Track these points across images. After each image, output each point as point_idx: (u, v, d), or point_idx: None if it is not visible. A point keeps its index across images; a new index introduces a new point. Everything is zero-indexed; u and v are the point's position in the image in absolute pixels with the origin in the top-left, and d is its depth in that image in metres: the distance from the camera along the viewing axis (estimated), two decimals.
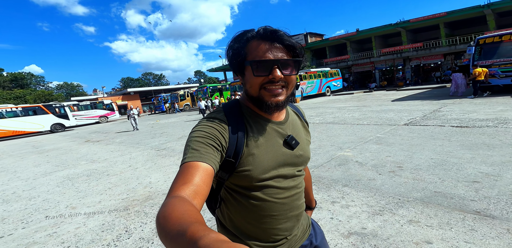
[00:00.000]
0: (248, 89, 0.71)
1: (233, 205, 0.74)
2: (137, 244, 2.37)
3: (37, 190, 4.46)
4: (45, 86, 52.43)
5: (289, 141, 0.74)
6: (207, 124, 0.67)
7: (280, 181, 0.73)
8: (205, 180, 0.57)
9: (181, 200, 0.49)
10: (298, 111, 0.88)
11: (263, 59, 0.65)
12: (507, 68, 9.19)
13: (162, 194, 3.56)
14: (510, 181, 2.70)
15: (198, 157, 0.59)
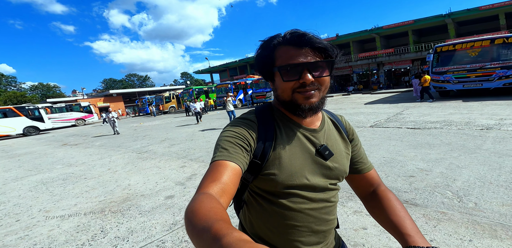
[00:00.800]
0: (280, 95, 0.69)
1: (256, 209, 0.72)
2: (113, 242, 2.47)
3: (7, 195, 4.36)
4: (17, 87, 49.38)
5: (321, 151, 0.71)
6: (237, 124, 0.68)
7: (308, 191, 0.69)
8: (233, 179, 0.57)
9: (209, 197, 0.49)
10: (338, 120, 0.81)
11: (292, 63, 0.64)
12: (459, 75, 10.09)
13: (140, 195, 3.65)
14: (436, 175, 3.14)
15: (227, 156, 0.59)
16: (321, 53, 0.65)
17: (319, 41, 0.64)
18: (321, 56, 0.65)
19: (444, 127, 5.71)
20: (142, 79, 65.08)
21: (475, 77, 9.88)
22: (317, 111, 0.69)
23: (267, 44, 0.69)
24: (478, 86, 9.88)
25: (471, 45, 10.20)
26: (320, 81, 0.66)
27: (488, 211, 2.25)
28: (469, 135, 4.80)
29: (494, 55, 9.66)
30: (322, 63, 0.65)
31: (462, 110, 7.53)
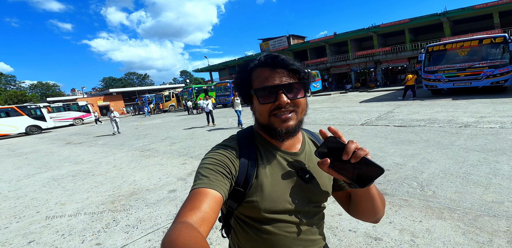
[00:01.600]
0: (258, 118, 0.71)
1: (242, 235, 0.72)
2: (124, 229, 2.86)
3: (22, 190, 4.75)
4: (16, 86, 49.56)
5: (302, 175, 0.71)
6: (218, 151, 0.68)
7: (291, 215, 0.70)
8: (213, 207, 0.56)
9: (188, 226, 0.49)
10: (318, 141, 0.82)
11: (267, 86, 0.66)
12: (450, 74, 10.49)
13: (145, 190, 4.04)
14: (408, 169, 3.57)
15: (208, 183, 0.59)
16: (295, 74, 0.67)
17: (292, 63, 0.67)
18: (295, 77, 0.67)
19: (427, 124, 6.13)
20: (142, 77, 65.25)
21: (464, 76, 10.28)
22: (294, 134, 0.70)
23: (245, 68, 0.72)
24: (467, 85, 10.29)
25: (461, 45, 10.59)
26: (295, 103, 0.67)
27: (442, 197, 2.67)
28: (447, 132, 5.22)
29: (482, 55, 10.06)
30: (296, 85, 0.66)
31: (448, 108, 7.93)
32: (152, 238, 2.62)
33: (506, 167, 3.26)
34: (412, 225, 2.27)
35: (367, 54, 27.40)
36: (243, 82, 0.71)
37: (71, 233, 2.89)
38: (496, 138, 4.49)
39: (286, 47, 32.58)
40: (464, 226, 2.18)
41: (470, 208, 2.44)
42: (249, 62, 0.71)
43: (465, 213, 2.36)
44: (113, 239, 2.66)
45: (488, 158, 3.63)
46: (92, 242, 2.65)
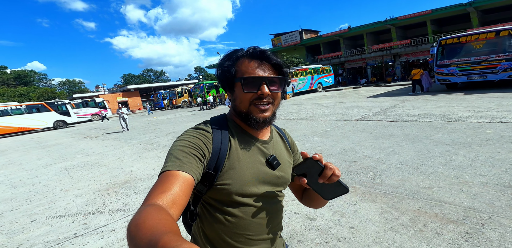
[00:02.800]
0: (237, 105, 0.73)
1: (208, 220, 0.73)
2: (110, 212, 3.23)
3: (38, 178, 5.35)
4: (48, 84, 53.58)
5: (271, 161, 0.75)
6: (192, 134, 0.69)
7: (259, 200, 0.73)
8: (185, 190, 0.56)
9: (157, 208, 0.47)
10: (282, 133, 0.89)
11: (253, 76, 0.69)
12: (463, 67, 9.95)
13: (138, 179, 4.42)
14: (373, 160, 3.74)
15: (180, 166, 0.59)
16: (277, 70, 0.73)
17: (276, 59, 0.73)
18: (277, 73, 0.73)
19: (419, 119, 6.05)
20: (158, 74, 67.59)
21: (479, 70, 9.73)
22: (269, 124, 0.75)
23: (231, 56, 0.74)
24: (483, 78, 9.73)
25: (476, 37, 10.01)
26: (274, 95, 0.72)
27: (385, 185, 2.89)
28: (432, 127, 5.23)
29: (499, 48, 9.44)
30: (277, 79, 0.72)
31: (452, 103, 7.64)
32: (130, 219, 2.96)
33: (460, 158, 3.41)
34: (346, 208, 2.51)
35: (384, 47, 26.39)
36: (227, 69, 0.73)
37: (66, 215, 3.31)
38: (474, 132, 4.48)
39: (298, 42, 32.23)
40: (386, 207, 2.44)
41: (401, 193, 2.68)
42: (236, 51, 0.74)
43: (394, 197, 2.61)
44: (98, 220, 3.03)
45: (450, 150, 3.73)
46: (80, 222, 3.04)
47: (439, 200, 2.49)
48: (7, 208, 3.79)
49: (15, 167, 6.82)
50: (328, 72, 24.58)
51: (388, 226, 2.19)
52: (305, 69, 22.30)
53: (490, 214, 2.17)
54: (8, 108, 18.78)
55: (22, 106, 19.59)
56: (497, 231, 1.95)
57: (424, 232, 2.03)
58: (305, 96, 19.45)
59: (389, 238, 2.05)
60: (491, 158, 3.34)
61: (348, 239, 2.13)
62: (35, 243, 2.67)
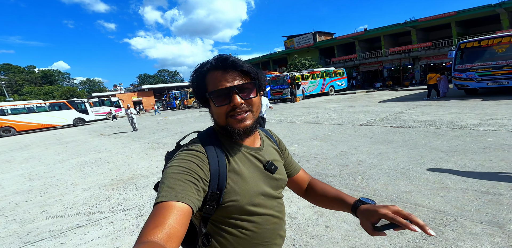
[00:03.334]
0: (216, 120, 0.71)
1: (225, 237, 0.71)
2: (111, 205, 3.43)
3: (53, 172, 5.73)
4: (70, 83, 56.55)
5: (268, 167, 0.76)
6: (184, 158, 0.64)
7: (267, 207, 0.73)
8: (181, 221, 0.53)
9: (152, 245, 0.45)
10: (269, 135, 0.89)
11: (220, 88, 0.66)
12: (483, 72, 9.49)
13: (141, 176, 4.63)
14: (366, 165, 3.78)
15: (173, 195, 0.56)
16: (246, 75, 0.70)
17: (242, 64, 0.69)
18: (247, 78, 0.70)
19: (424, 126, 5.91)
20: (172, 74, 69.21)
21: (501, 75, 9.24)
22: (251, 133, 0.72)
23: (199, 71, 0.71)
24: (504, 84, 9.23)
25: (498, 41, 9.52)
26: (249, 102, 0.69)
27: (369, 188, 2.94)
28: (434, 133, 5.12)
29: None
30: (248, 85, 0.69)
31: (465, 109, 7.33)
32: (128, 213, 3.14)
33: (450, 165, 3.43)
34: (321, 208, 2.53)
35: (402, 50, 25.60)
36: (198, 86, 0.71)
37: (72, 207, 3.55)
38: (474, 140, 4.38)
39: (311, 45, 31.98)
40: None
41: (382, 196, 2.75)
42: (202, 66, 0.71)
43: (373, 199, 2.67)
44: (100, 213, 3.23)
45: (443, 157, 3.72)
46: (84, 213, 3.26)
47: (414, 203, 2.57)
48: (23, 199, 4.11)
49: (35, 161, 7.31)
50: (341, 75, 24.19)
51: (359, 226, 2.22)
52: (316, 72, 22.09)
53: (456, 217, 2.26)
54: (34, 106, 20.05)
55: (46, 104, 20.84)
56: (456, 232, 2.06)
57: (389, 232, 2.06)
58: (316, 99, 19.27)
59: (357, 236, 2.19)
60: (480, 165, 3.33)
61: (321, 236, 2.26)
62: (42, 232, 2.90)
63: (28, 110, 19.41)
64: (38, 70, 52.35)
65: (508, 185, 2.70)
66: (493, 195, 2.54)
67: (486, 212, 2.27)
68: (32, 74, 50.26)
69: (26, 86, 44.12)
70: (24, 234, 2.91)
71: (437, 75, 11.14)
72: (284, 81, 19.63)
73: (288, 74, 20.17)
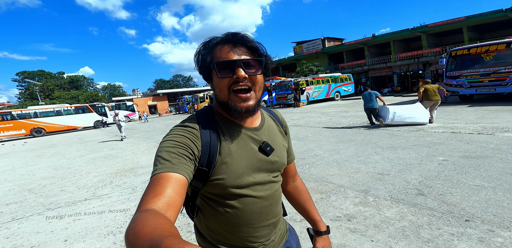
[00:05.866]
0: (218, 94, 0.71)
1: (210, 213, 0.73)
2: (113, 187, 4.39)
3: (73, 164, 6.89)
4: (93, 87, 60.46)
5: (263, 147, 0.74)
6: (178, 133, 0.66)
7: (256, 189, 0.72)
8: (178, 191, 0.54)
9: (153, 213, 0.46)
10: (275, 116, 0.87)
11: (226, 60, 0.66)
12: (472, 79, 9.71)
13: (140, 167, 5.60)
14: (319, 157, 4.52)
15: (170, 167, 0.57)
16: (254, 53, 0.70)
17: (251, 40, 0.70)
18: (254, 55, 0.70)
19: (390, 128, 6.52)
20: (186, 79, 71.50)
21: (488, 82, 9.47)
22: (253, 113, 0.72)
23: (207, 44, 0.72)
24: (491, 91, 9.45)
25: (486, 49, 9.75)
26: (253, 80, 0.69)
27: (308, 173, 3.72)
28: (390, 134, 5.71)
29: (509, 60, 9.13)
30: (254, 62, 0.68)
31: (444, 114, 7.72)
32: (123, 191, 4.08)
33: (377, 157, 4.20)
34: None
35: (412, 55, 25.43)
36: (204, 57, 0.71)
37: (84, 187, 4.57)
38: (416, 139, 5.11)
39: (319, 50, 32.38)
40: None
41: (313, 177, 3.50)
42: (212, 39, 0.72)
43: (305, 181, 3.46)
44: (103, 191, 4.21)
45: (378, 152, 4.48)
46: (91, 191, 4.25)
47: (329, 181, 3.38)
48: (49, 183, 5.21)
49: (59, 156, 8.61)
50: (347, 81, 24.43)
51: None
52: (322, 78, 22.54)
53: (346, 188, 3.09)
54: (61, 109, 22.21)
55: (72, 107, 22.97)
56: (338, 196, 2.91)
57: None
58: (319, 104, 19.76)
59: None
60: (397, 157, 4.06)
61: None
62: (60, 202, 3.90)
63: (56, 113, 21.55)
64: (66, 76, 56.57)
65: (399, 170, 3.44)
66: (382, 175, 3.37)
67: (367, 186, 3.17)
68: (61, 79, 54.40)
69: (56, 91, 47.93)
70: (47, 204, 3.92)
71: None
72: (288, 87, 20.32)
73: (292, 80, 20.83)
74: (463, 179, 2.88)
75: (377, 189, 2.97)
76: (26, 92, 47.55)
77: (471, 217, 2.09)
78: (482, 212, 2.14)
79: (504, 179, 2.75)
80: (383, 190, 2.92)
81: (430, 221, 2.14)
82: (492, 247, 1.71)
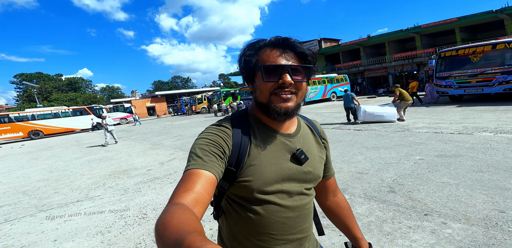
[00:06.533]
0: (258, 96, 0.71)
1: (233, 216, 0.73)
2: (105, 188, 4.53)
3: (68, 166, 7.02)
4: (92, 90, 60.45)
5: (297, 155, 0.72)
6: (212, 131, 0.68)
7: (283, 198, 0.70)
8: (207, 188, 0.56)
9: (181, 207, 0.48)
10: (313, 125, 0.84)
11: (274, 64, 0.66)
12: (460, 80, 9.93)
13: (133, 168, 5.74)
14: None
15: (202, 164, 0.59)
16: (302, 59, 0.69)
17: (301, 47, 0.69)
18: (302, 61, 0.69)
19: (377, 129, 6.69)
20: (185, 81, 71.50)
21: (476, 83, 9.69)
22: (292, 116, 0.71)
23: (253, 45, 0.72)
24: (479, 91, 9.66)
25: (474, 50, 9.96)
26: (297, 86, 0.69)
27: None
28: (377, 134, 5.88)
29: (495, 61, 9.35)
30: (301, 68, 0.68)
31: (429, 115, 7.94)
32: (115, 193, 4.22)
33: (359, 157, 4.44)
34: None
35: (407, 56, 25.73)
36: (248, 59, 0.71)
37: (77, 189, 4.71)
38: (400, 140, 5.30)
39: (316, 51, 32.59)
40: None
41: None
42: (259, 41, 0.72)
43: None
44: (95, 193, 4.35)
45: (361, 152, 4.71)
46: (84, 193, 4.39)
47: None
48: (43, 185, 5.35)
49: (56, 158, 8.73)
50: (343, 81, 24.64)
51: None
52: (318, 78, 22.73)
53: None
54: (59, 112, 22.29)
55: (69, 109, 23.05)
56: None
57: None
58: (315, 105, 19.97)
59: None
60: (378, 157, 4.23)
61: None
62: (53, 204, 4.04)
63: (54, 116, 21.64)
64: (64, 78, 56.54)
65: (377, 169, 3.58)
66: (362, 174, 3.46)
67: (346, 184, 3.21)
68: (59, 81, 54.35)
69: (54, 93, 47.92)
70: (40, 205, 4.06)
71: (417, 83, 11.78)
72: None
73: None
74: (432, 177, 3.04)
75: (354, 187, 3.12)
76: (24, 94, 47.51)
77: (430, 211, 2.25)
78: (441, 206, 2.31)
79: (469, 176, 2.92)
80: (359, 188, 3.08)
81: (394, 216, 2.30)
82: (441, 237, 1.87)
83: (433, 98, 11.82)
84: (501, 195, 2.38)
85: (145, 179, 4.81)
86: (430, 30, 24.10)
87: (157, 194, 3.95)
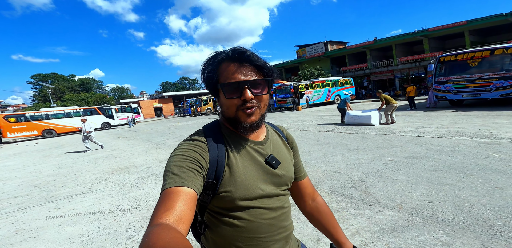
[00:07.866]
0: (225, 111, 0.73)
1: (219, 227, 0.73)
2: (108, 183, 5.00)
3: (76, 163, 7.58)
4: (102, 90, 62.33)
5: (270, 161, 0.76)
6: (186, 147, 0.68)
7: (264, 201, 0.73)
8: (189, 205, 0.55)
9: (165, 227, 0.47)
10: (279, 131, 0.89)
11: (233, 81, 0.68)
12: (459, 85, 9.99)
13: (134, 166, 6.22)
14: None
15: (179, 181, 0.58)
16: (260, 71, 0.71)
17: (257, 60, 0.70)
18: (260, 74, 0.71)
19: (367, 132, 6.94)
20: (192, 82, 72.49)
21: (473, 88, 9.74)
22: (257, 128, 0.75)
23: (213, 59, 0.72)
24: (476, 96, 9.70)
25: (472, 55, 10.02)
26: (259, 99, 0.71)
27: None
28: (364, 137, 6.17)
29: (493, 66, 9.38)
30: (261, 82, 0.70)
31: (422, 119, 8.08)
32: (115, 187, 4.67)
33: (339, 158, 4.72)
34: None
35: (414, 59, 25.53)
36: (210, 75, 0.72)
37: (82, 183, 5.20)
38: (383, 142, 5.58)
39: (322, 54, 32.70)
40: None
41: None
42: (217, 55, 0.73)
43: None
44: (98, 187, 4.82)
45: (343, 153, 4.99)
46: (88, 187, 4.87)
47: None
48: (52, 179, 5.88)
49: (65, 156, 9.36)
50: (348, 85, 24.69)
51: None
52: (322, 81, 22.90)
53: None
54: (71, 111, 23.34)
55: (80, 109, 24.09)
56: None
57: None
58: (318, 108, 20.16)
59: None
60: (356, 158, 4.52)
61: None
62: (59, 195, 4.53)
63: (66, 115, 22.68)
64: (77, 78, 58.61)
65: (350, 169, 3.81)
66: (334, 173, 3.80)
67: (317, 181, 3.53)
68: (73, 82, 56.42)
69: (67, 93, 49.81)
70: (49, 197, 4.56)
71: (414, 88, 11.90)
72: (288, 91, 20.79)
73: (291, 84, 21.29)
74: (391, 175, 3.32)
75: (323, 184, 3.44)
76: (40, 94, 49.61)
77: (375, 202, 2.55)
78: (386, 198, 2.60)
79: (422, 174, 3.18)
80: (327, 185, 3.40)
81: (346, 206, 2.61)
82: (372, 222, 2.18)
83: (432, 103, 11.88)
84: (438, 189, 2.66)
85: (143, 176, 5.25)
86: (438, 33, 23.86)
87: (152, 188, 4.37)
